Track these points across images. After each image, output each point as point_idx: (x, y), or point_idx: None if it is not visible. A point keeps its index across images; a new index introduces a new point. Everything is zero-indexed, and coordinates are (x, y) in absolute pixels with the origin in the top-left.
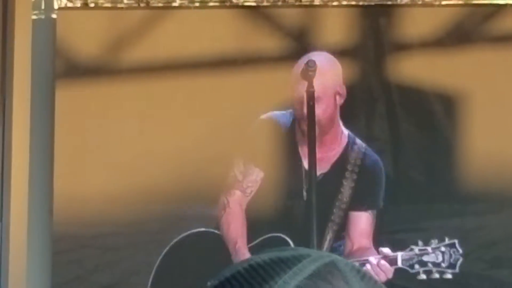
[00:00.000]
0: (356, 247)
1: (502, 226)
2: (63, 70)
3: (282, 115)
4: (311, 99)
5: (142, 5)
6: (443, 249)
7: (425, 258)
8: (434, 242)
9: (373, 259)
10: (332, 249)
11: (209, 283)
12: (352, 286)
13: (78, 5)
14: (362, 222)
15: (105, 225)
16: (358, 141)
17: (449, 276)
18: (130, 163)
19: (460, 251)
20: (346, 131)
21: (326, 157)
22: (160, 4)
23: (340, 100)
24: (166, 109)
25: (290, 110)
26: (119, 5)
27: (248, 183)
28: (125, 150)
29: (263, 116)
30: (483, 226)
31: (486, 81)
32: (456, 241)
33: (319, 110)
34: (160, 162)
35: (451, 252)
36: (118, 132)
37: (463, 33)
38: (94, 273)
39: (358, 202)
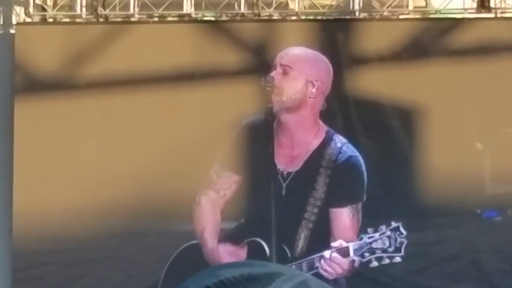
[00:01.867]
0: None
1: (461, 241)
2: (22, 85)
3: (259, 121)
4: (269, 114)
5: (100, 19)
6: (388, 233)
7: (374, 245)
8: (382, 229)
9: (327, 253)
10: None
11: None
12: None
13: (37, 20)
14: (342, 217)
15: (66, 241)
16: (337, 137)
17: (398, 259)
18: (90, 178)
19: (404, 233)
20: (325, 127)
21: (299, 155)
22: (118, 19)
23: (314, 92)
24: (125, 124)
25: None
26: (77, 20)
27: (222, 184)
28: (84, 165)
29: (244, 121)
30: (442, 241)
31: (444, 94)
32: (399, 224)
33: (285, 83)
34: (119, 177)
35: (396, 236)
36: (77, 147)
37: (421, 47)
38: None
39: (336, 198)
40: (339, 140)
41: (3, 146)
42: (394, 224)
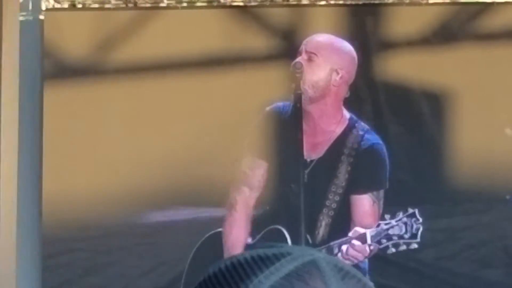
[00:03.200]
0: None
1: (490, 226)
2: (51, 71)
3: (285, 106)
4: (298, 101)
5: (129, 5)
6: (405, 220)
7: (390, 232)
8: (399, 215)
9: (347, 241)
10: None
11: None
12: (329, 286)
13: (66, 6)
14: (363, 204)
15: (96, 227)
16: (360, 124)
17: (415, 246)
18: (120, 164)
19: (420, 220)
20: (348, 114)
21: (322, 142)
22: (147, 5)
23: (338, 80)
24: (155, 110)
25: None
26: (106, 6)
27: (257, 176)
28: (114, 151)
29: (268, 108)
30: (472, 226)
31: (473, 79)
32: (416, 210)
33: (312, 77)
34: (149, 164)
35: (412, 222)
36: (107, 133)
37: (450, 32)
38: (85, 277)
39: (357, 185)
40: (362, 128)
41: (32, 132)
42: (410, 211)
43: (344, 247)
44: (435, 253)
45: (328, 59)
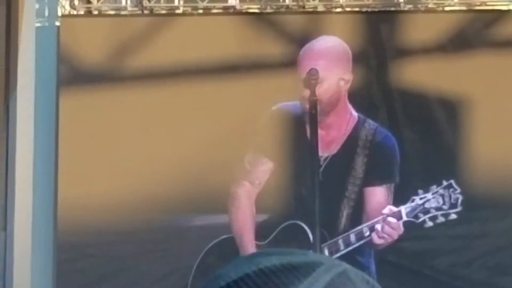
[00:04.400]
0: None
1: (506, 233)
2: (67, 77)
3: (292, 106)
4: (314, 107)
5: (145, 12)
6: (441, 191)
7: (427, 205)
8: (433, 188)
9: (380, 220)
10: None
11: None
12: None
13: (82, 12)
14: (376, 196)
15: (110, 233)
16: (369, 121)
17: (453, 216)
18: (135, 170)
19: (458, 189)
20: (355, 114)
21: (336, 138)
22: (163, 11)
23: (345, 86)
24: (170, 116)
25: (298, 102)
26: (122, 12)
27: (257, 173)
28: (129, 157)
29: (274, 107)
30: (488, 233)
31: (489, 86)
32: (452, 181)
33: (320, 90)
34: (164, 170)
35: (450, 192)
36: (122, 139)
37: (466, 39)
38: (99, 283)
39: (372, 177)
40: (372, 123)
41: (48, 138)
42: (445, 182)
43: (378, 226)
44: (451, 260)
45: (332, 69)
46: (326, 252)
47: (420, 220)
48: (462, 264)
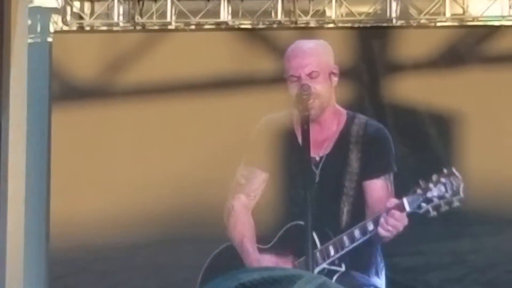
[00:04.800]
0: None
1: (498, 249)
2: (59, 93)
3: (281, 115)
4: (306, 123)
5: (138, 28)
6: (443, 180)
7: (429, 195)
8: (434, 178)
9: (384, 213)
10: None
11: None
12: None
13: (74, 28)
14: (376, 188)
15: (102, 249)
16: (358, 115)
17: (457, 204)
18: (127, 186)
19: (459, 176)
20: (344, 110)
21: (327, 138)
22: (156, 27)
23: (335, 80)
24: (162, 132)
25: (286, 111)
26: (115, 28)
27: (252, 185)
28: (121, 173)
29: (262, 120)
30: (479, 249)
31: (481, 103)
32: (453, 168)
33: (318, 85)
34: (157, 185)
35: (451, 180)
36: (114, 155)
37: (458, 55)
38: None
39: (369, 170)
40: (362, 117)
41: (40, 153)
42: (446, 171)
43: (382, 219)
44: (443, 276)
45: (322, 65)
46: (332, 250)
47: (423, 210)
48: (454, 280)
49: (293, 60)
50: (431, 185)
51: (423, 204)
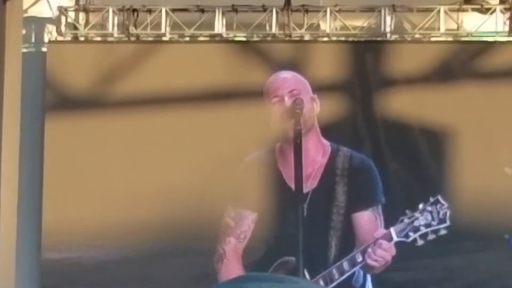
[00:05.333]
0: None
1: (489, 266)
2: (53, 103)
3: (262, 155)
4: (298, 137)
5: (132, 39)
6: (429, 208)
7: (416, 223)
8: (420, 207)
9: (371, 244)
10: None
11: None
12: None
13: (68, 38)
14: (364, 220)
15: (94, 261)
16: (342, 148)
17: (443, 232)
18: (119, 197)
19: (445, 204)
20: (327, 142)
21: (312, 173)
22: (150, 38)
23: (316, 107)
24: (155, 143)
25: (270, 147)
26: (109, 39)
27: (241, 227)
28: (114, 184)
29: (246, 159)
30: (470, 265)
31: (473, 118)
32: (438, 196)
33: (304, 111)
34: (149, 197)
35: (438, 208)
36: (107, 166)
37: (452, 70)
38: None
39: (356, 203)
40: (346, 150)
41: (33, 162)
42: (432, 199)
43: (370, 250)
44: None
45: (304, 90)
46: (322, 283)
47: (411, 239)
48: None
49: (273, 85)
50: (417, 214)
51: (410, 233)
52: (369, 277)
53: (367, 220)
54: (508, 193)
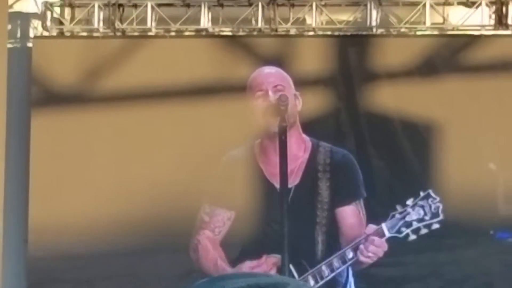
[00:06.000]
0: (352, 240)
1: (474, 262)
2: (39, 98)
3: (241, 153)
4: (283, 133)
5: (118, 34)
6: (421, 203)
7: (408, 218)
8: (411, 201)
9: (363, 240)
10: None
11: None
12: None
13: (54, 33)
14: (348, 215)
15: (79, 257)
16: (322, 143)
17: (436, 226)
18: (105, 193)
19: (437, 198)
20: (307, 138)
21: (294, 169)
22: (136, 33)
23: (298, 104)
24: (142, 137)
25: (249, 144)
26: (95, 34)
27: (215, 223)
28: (100, 179)
29: (224, 158)
30: (456, 261)
31: (459, 112)
32: (429, 191)
33: (290, 105)
34: (135, 193)
35: (430, 202)
36: (93, 161)
37: (438, 64)
38: None
39: (339, 198)
40: (326, 145)
41: (19, 158)
42: (423, 193)
43: (362, 247)
44: (420, 287)
45: (287, 86)
46: (311, 281)
47: (403, 234)
48: None
49: (257, 80)
50: (409, 209)
51: (403, 229)
52: (350, 272)
53: (351, 214)
54: (492, 189)
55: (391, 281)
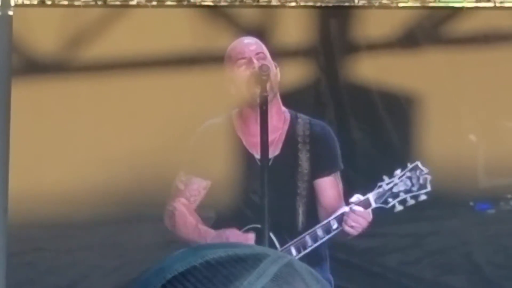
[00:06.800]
0: (331, 211)
1: (454, 232)
2: (20, 67)
3: (219, 122)
4: (264, 104)
5: (99, 3)
6: (408, 174)
7: (395, 189)
8: (398, 172)
9: (347, 208)
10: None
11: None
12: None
13: (35, 2)
14: (328, 186)
15: (59, 227)
16: (300, 115)
17: (423, 197)
18: (86, 163)
19: (425, 170)
20: (285, 109)
21: (274, 140)
22: (117, 3)
23: (278, 73)
24: (123, 107)
25: (226, 114)
26: (76, 3)
27: (191, 191)
28: (81, 149)
29: (201, 126)
30: (436, 232)
31: (439, 84)
32: (418, 162)
33: (272, 75)
34: (116, 162)
35: (418, 173)
36: (74, 131)
37: (420, 36)
38: (47, 276)
39: (319, 169)
40: (304, 117)
41: (0, 128)
42: (410, 165)
43: (346, 217)
44: (400, 258)
45: (267, 56)
46: (293, 251)
47: (390, 205)
48: (411, 262)
49: (237, 49)
50: (396, 180)
51: (390, 199)
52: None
53: (330, 185)
54: (473, 161)
55: (372, 252)
